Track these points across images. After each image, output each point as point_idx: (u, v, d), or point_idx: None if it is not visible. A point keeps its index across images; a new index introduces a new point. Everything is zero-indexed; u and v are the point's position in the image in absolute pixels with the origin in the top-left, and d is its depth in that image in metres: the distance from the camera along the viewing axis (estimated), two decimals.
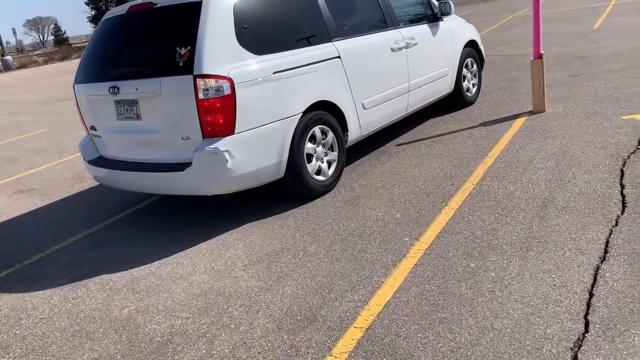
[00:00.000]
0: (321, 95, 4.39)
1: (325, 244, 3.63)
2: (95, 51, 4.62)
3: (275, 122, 4.06)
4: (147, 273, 3.67)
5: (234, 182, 3.98)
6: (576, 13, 14.34)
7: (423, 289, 2.89)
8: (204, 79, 3.73)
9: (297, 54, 4.27)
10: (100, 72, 4.46)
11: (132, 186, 4.44)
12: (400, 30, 5.36)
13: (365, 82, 4.83)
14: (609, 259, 2.85)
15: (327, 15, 4.62)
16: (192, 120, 3.83)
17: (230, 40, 3.89)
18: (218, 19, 3.86)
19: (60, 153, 7.98)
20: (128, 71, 4.23)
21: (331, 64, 4.51)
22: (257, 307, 3.01)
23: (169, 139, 4.02)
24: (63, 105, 13.78)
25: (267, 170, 4.10)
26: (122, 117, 4.27)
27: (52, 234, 4.72)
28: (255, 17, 4.11)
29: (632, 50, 7.99)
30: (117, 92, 4.16)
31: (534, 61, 5.68)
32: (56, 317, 3.29)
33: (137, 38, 4.36)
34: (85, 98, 4.56)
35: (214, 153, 3.81)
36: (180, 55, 3.83)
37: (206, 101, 3.75)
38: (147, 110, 4.08)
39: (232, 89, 3.78)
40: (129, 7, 4.34)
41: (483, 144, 5.02)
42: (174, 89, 3.86)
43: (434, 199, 4.02)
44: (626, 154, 4.19)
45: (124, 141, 4.36)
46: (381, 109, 5.08)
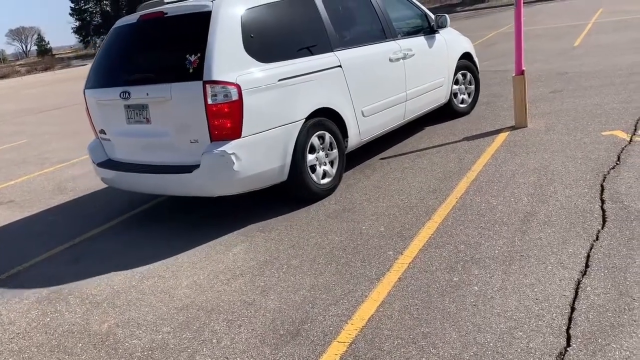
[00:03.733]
0: (323, 103, 4.56)
1: (309, 257, 3.62)
2: (106, 58, 4.78)
3: (279, 127, 4.22)
4: (128, 286, 3.61)
5: (239, 183, 4.12)
6: (557, 30, 14.62)
7: (406, 303, 2.89)
8: (213, 84, 3.89)
9: (301, 63, 4.45)
10: (111, 77, 4.60)
11: (141, 188, 4.58)
12: (398, 41, 5.55)
13: (364, 91, 5.01)
14: (590, 273, 2.88)
15: (329, 26, 4.82)
16: (201, 124, 3.99)
17: (237, 48, 4.07)
18: (226, 28, 4.04)
19: (41, 164, 7.88)
20: (139, 77, 4.37)
21: (333, 72, 4.69)
22: (240, 322, 2.98)
23: (178, 142, 4.17)
24: (45, 116, 13.64)
25: (271, 173, 4.25)
26: (132, 121, 4.40)
27: (31, 246, 4.64)
28: (261, 27, 4.30)
29: (612, 68, 8.15)
30: (128, 97, 4.29)
31: (516, 77, 5.76)
32: (33, 332, 3.22)
33: (148, 45, 4.52)
34: (95, 102, 4.69)
35: (221, 156, 3.95)
36: (191, 62, 3.99)
37: (214, 106, 3.92)
38: (157, 115, 4.22)
39: (239, 94, 3.94)
40: (140, 15, 4.50)
41: (466, 159, 5.06)
42: (184, 94, 4.02)
43: (418, 213, 4.03)
44: (606, 169, 4.25)
45: (133, 144, 4.50)
46: (380, 117, 5.26)
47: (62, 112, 13.97)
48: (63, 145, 9.23)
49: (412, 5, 6.12)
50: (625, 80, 7.17)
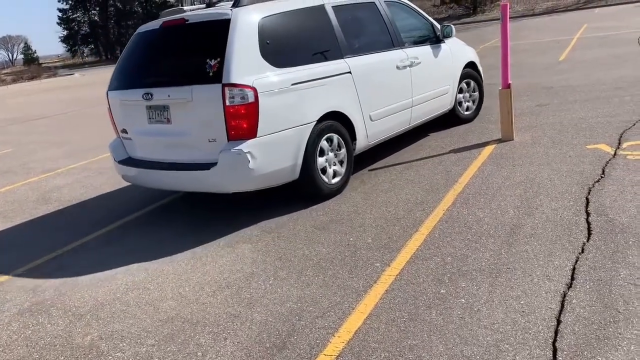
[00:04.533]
0: (333, 106, 4.80)
1: (296, 269, 3.60)
2: (129, 61, 5.04)
3: (292, 129, 4.46)
4: (112, 298, 3.56)
5: (254, 181, 4.36)
6: (542, 45, 14.83)
7: (393, 315, 2.88)
8: (231, 87, 4.14)
9: (313, 68, 4.69)
10: (134, 80, 4.85)
11: (160, 184, 4.82)
12: (406, 50, 5.79)
13: (372, 96, 5.24)
14: (575, 285, 2.89)
15: (340, 34, 5.07)
16: (219, 124, 4.22)
17: (254, 54, 4.32)
18: (244, 35, 4.29)
19: (26, 174, 7.78)
20: (161, 79, 4.60)
21: (342, 78, 4.93)
22: (225, 334, 2.94)
23: (197, 141, 4.39)
24: (31, 125, 13.51)
25: (284, 171, 4.48)
26: (153, 121, 4.63)
27: (13, 257, 4.56)
28: (276, 34, 4.56)
29: (596, 82, 8.27)
30: (151, 98, 4.52)
31: (502, 91, 5.82)
32: (14, 345, 3.16)
33: (170, 50, 4.77)
34: (118, 103, 4.94)
35: (237, 154, 4.18)
36: (211, 66, 4.23)
37: (232, 107, 4.16)
38: (177, 115, 4.45)
39: (255, 97, 4.18)
40: (162, 22, 4.76)
41: (453, 171, 5.09)
42: (203, 96, 4.26)
43: (405, 225, 4.03)
44: (591, 182, 4.30)
45: (154, 143, 4.73)
46: (387, 121, 5.50)
47: (48, 122, 13.85)
48: (48, 154, 9.14)
49: (418, 16, 6.37)
50: (610, 94, 7.28)
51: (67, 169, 7.72)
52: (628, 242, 3.27)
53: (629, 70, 8.87)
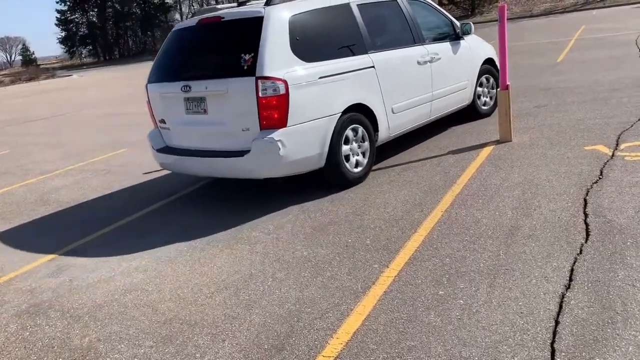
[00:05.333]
0: (357, 99, 5.06)
1: (294, 270, 3.60)
2: (167, 56, 5.37)
3: (319, 119, 4.74)
4: (110, 300, 3.56)
5: (284, 167, 4.64)
6: (540, 47, 14.85)
7: (392, 316, 2.88)
8: (264, 80, 4.44)
9: (338, 63, 4.97)
10: (173, 73, 5.16)
11: (195, 170, 5.20)
12: (426, 46, 6.04)
13: (394, 90, 5.50)
14: (573, 286, 2.89)
15: (364, 31, 5.35)
16: (252, 114, 4.52)
17: (285, 49, 4.63)
18: (276, 31, 4.60)
19: (24, 175, 7.77)
20: (198, 73, 4.93)
21: (366, 72, 5.20)
22: (224, 336, 2.94)
23: (231, 130, 4.70)
24: (28, 127, 13.49)
25: (311, 159, 4.76)
26: (190, 112, 4.96)
27: (11, 259, 4.55)
28: (305, 31, 4.85)
29: (594, 84, 8.29)
30: (189, 90, 4.85)
31: (500, 92, 5.83)
32: (12, 347, 3.15)
33: (206, 45, 5.11)
34: (158, 95, 5.27)
35: (269, 142, 4.48)
36: (245, 60, 4.54)
37: (264, 99, 4.46)
38: (213, 106, 4.78)
39: (286, 89, 4.48)
40: (198, 19, 5.08)
41: (451, 172, 5.09)
42: (238, 88, 4.57)
43: (404, 226, 4.03)
44: (589, 183, 4.30)
45: (191, 132, 5.05)
46: (408, 114, 5.74)
47: (45, 123, 13.84)
48: (46, 156, 9.12)
49: (438, 14, 6.62)
50: (608, 96, 7.29)
51: (65, 171, 7.71)
52: (626, 243, 3.27)
53: (626, 72, 8.89)
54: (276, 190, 5.34)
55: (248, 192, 5.45)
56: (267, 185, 5.60)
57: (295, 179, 5.26)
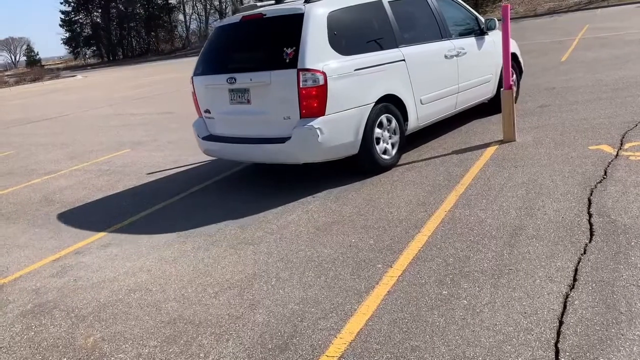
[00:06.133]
0: (389, 90, 5.37)
1: (298, 270, 3.60)
2: (212, 51, 5.74)
3: (354, 108, 5.06)
4: (114, 300, 3.57)
5: (321, 153, 4.98)
6: (544, 46, 14.82)
7: (396, 316, 2.88)
8: (304, 72, 4.79)
9: (372, 56, 5.29)
10: (218, 66, 5.53)
11: (238, 156, 5.63)
12: (453, 41, 6.34)
13: (423, 82, 5.81)
14: (577, 286, 2.89)
15: (395, 26, 5.67)
16: (293, 103, 4.86)
17: (324, 43, 4.96)
18: (316, 27, 4.94)
19: (28, 175, 7.80)
20: (242, 66, 5.27)
21: (397, 65, 5.52)
22: (228, 336, 2.95)
23: (273, 119, 5.03)
24: (33, 127, 13.54)
25: (346, 146, 5.07)
26: (234, 102, 5.31)
27: (16, 258, 4.57)
28: (342, 26, 5.18)
29: (598, 83, 8.26)
30: (234, 81, 5.20)
31: (504, 92, 5.82)
32: (17, 347, 3.16)
33: (249, 40, 5.44)
34: (203, 87, 5.63)
35: (309, 129, 4.81)
36: (287, 53, 4.87)
37: (305, 89, 4.80)
38: (257, 96, 5.11)
39: (325, 80, 4.81)
40: (241, 16, 5.41)
41: (455, 172, 5.09)
42: (281, 79, 4.91)
43: (407, 226, 4.03)
44: (593, 183, 4.29)
45: (234, 121, 5.40)
46: (435, 105, 6.04)
47: (50, 123, 13.88)
48: (50, 156, 9.15)
49: (464, 10, 6.92)
50: (611, 95, 7.27)
51: (69, 171, 7.73)
52: (630, 243, 3.27)
53: (630, 71, 8.86)
54: (279, 191, 5.34)
55: (251, 193, 5.46)
56: (269, 186, 5.61)
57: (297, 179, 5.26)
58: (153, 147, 8.69)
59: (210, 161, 7.06)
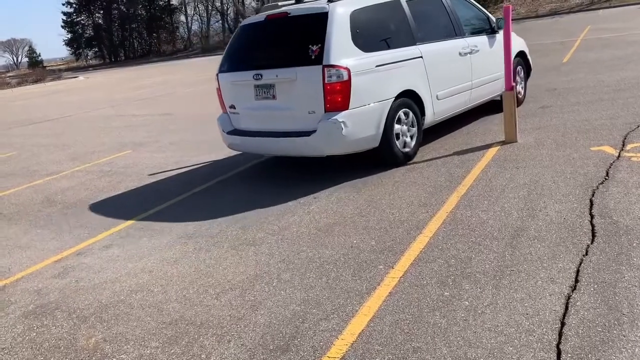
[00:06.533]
0: (407, 86, 5.58)
1: (299, 271, 3.60)
2: (237, 48, 5.94)
3: (376, 103, 5.26)
4: (116, 301, 3.57)
5: (345, 145, 5.19)
6: (546, 47, 14.81)
7: (397, 317, 2.88)
8: (329, 68, 4.99)
9: (392, 53, 5.51)
10: (243, 63, 5.71)
11: (263, 150, 5.84)
12: (466, 39, 6.56)
13: (439, 78, 6.00)
14: (579, 288, 2.89)
15: (413, 24, 5.90)
16: (318, 98, 5.07)
17: (347, 40, 5.16)
18: (339, 25, 5.14)
19: (30, 176, 7.81)
20: (268, 62, 5.45)
21: (415, 62, 5.74)
22: (229, 337, 2.95)
23: (298, 113, 5.24)
24: (35, 128, 13.56)
25: (368, 139, 5.27)
26: (259, 98, 5.50)
27: (18, 259, 4.58)
28: (363, 24, 5.37)
29: (599, 84, 8.25)
30: (260, 78, 5.39)
31: (506, 93, 5.81)
32: (19, 347, 3.17)
33: (274, 38, 5.62)
34: (229, 83, 5.84)
35: (334, 123, 5.02)
36: (312, 50, 5.07)
37: (329, 85, 5.01)
38: (282, 92, 5.32)
39: (348, 76, 5.01)
40: (266, 16, 5.60)
41: (457, 173, 5.08)
42: (306, 75, 5.12)
43: (409, 227, 4.03)
44: (595, 184, 4.29)
45: (259, 116, 5.60)
46: (450, 101, 6.25)
47: (51, 124, 13.91)
48: (52, 157, 9.17)
49: (476, 9, 7.13)
50: (613, 96, 7.26)
51: (71, 172, 7.74)
52: (632, 244, 3.26)
53: (632, 72, 8.85)
54: (281, 191, 5.34)
55: (252, 194, 5.46)
56: (270, 187, 5.62)
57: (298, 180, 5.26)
58: (154, 148, 8.69)
59: (211, 162, 7.07)
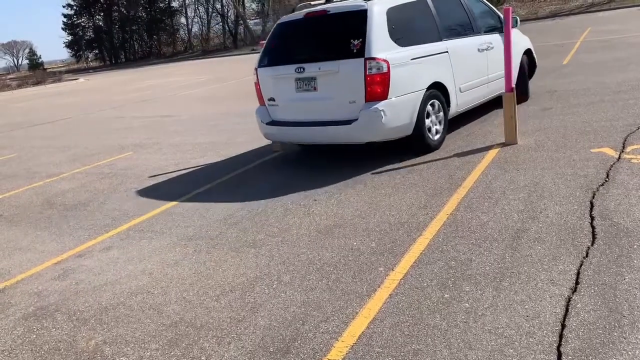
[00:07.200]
0: (437, 78, 6.00)
1: (300, 273, 3.60)
2: (276, 45, 6.31)
3: (411, 93, 5.67)
4: (116, 303, 3.57)
5: (383, 133, 5.60)
6: (546, 49, 14.81)
7: (397, 319, 2.87)
8: (371, 60, 5.40)
9: (423, 48, 5.94)
10: (285, 58, 6.08)
11: (302, 139, 6.27)
12: (482, 36, 7.00)
13: (462, 72, 6.43)
14: (580, 290, 2.88)
15: (438, 22, 6.33)
16: (359, 89, 5.49)
17: (385, 35, 5.58)
18: (378, 21, 5.57)
19: (30, 178, 7.81)
20: (310, 57, 5.84)
21: (443, 56, 6.16)
22: (229, 339, 2.94)
23: (339, 103, 5.65)
24: (35, 130, 13.57)
25: (403, 127, 5.68)
26: (300, 90, 5.90)
27: (18, 261, 4.58)
28: (397, 21, 5.77)
29: (600, 86, 8.25)
30: (303, 71, 5.80)
31: (506, 94, 5.81)
32: (19, 349, 3.16)
33: (315, 35, 6.06)
34: (269, 77, 6.20)
35: (375, 111, 5.43)
36: (354, 45, 5.49)
37: (370, 76, 5.41)
38: (323, 84, 5.73)
39: (388, 68, 5.42)
40: (305, 13, 6.00)
41: (457, 175, 5.08)
42: (349, 68, 5.53)
43: (409, 229, 4.03)
44: (595, 186, 4.28)
45: (299, 107, 5.99)
46: (471, 94, 6.70)
47: (52, 126, 13.92)
48: (52, 159, 9.17)
49: (488, 8, 7.55)
50: (614, 98, 7.26)
51: (71, 174, 7.75)
52: (633, 246, 3.26)
53: (633, 74, 8.85)
54: (281, 193, 5.34)
55: (252, 196, 5.46)
56: (271, 188, 5.61)
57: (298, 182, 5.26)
58: (155, 149, 8.70)
59: (211, 163, 7.07)
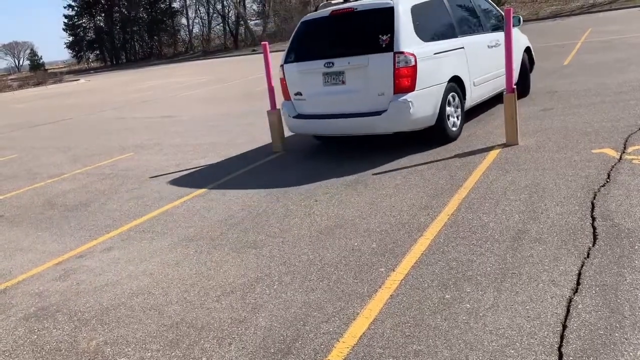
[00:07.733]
0: (456, 72, 6.37)
1: (300, 274, 3.60)
2: (303, 41, 6.59)
3: (435, 86, 6.00)
4: (117, 303, 3.57)
5: (410, 123, 5.89)
6: (547, 49, 14.80)
7: (398, 320, 2.87)
8: (399, 54, 5.72)
9: (443, 43, 6.32)
10: (312, 54, 6.37)
11: (330, 131, 6.48)
12: (489, 34, 7.41)
13: (475, 67, 6.81)
14: (581, 290, 2.88)
15: (454, 19, 6.76)
16: (388, 82, 5.80)
17: (411, 31, 5.91)
18: (404, 17, 5.90)
19: (32, 179, 7.82)
20: (339, 52, 6.12)
21: (460, 52, 6.54)
22: (230, 340, 2.94)
23: (367, 96, 5.95)
24: (36, 131, 13.58)
25: (428, 118, 5.98)
26: (328, 84, 6.18)
27: (19, 262, 4.58)
28: (421, 17, 6.10)
29: (601, 87, 8.25)
30: (332, 65, 6.08)
31: (507, 95, 5.81)
32: (20, 350, 3.17)
33: (341, 32, 6.34)
34: (296, 72, 6.48)
35: (404, 102, 5.75)
36: (383, 40, 5.82)
37: (399, 69, 5.73)
38: (351, 78, 6.03)
39: (415, 61, 5.74)
40: (331, 11, 6.30)
41: (458, 175, 5.08)
42: (378, 62, 5.84)
43: (410, 229, 4.03)
44: (596, 186, 4.28)
45: (326, 100, 6.25)
46: (482, 88, 7.12)
47: (53, 127, 13.93)
48: (53, 160, 9.18)
49: (493, 7, 8.01)
50: (615, 98, 7.26)
51: (72, 174, 7.75)
52: (634, 246, 3.25)
53: (634, 74, 8.84)
54: (281, 194, 5.35)
55: (253, 196, 5.46)
56: (271, 189, 5.61)
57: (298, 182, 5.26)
58: (156, 150, 8.70)
59: (212, 164, 7.07)
